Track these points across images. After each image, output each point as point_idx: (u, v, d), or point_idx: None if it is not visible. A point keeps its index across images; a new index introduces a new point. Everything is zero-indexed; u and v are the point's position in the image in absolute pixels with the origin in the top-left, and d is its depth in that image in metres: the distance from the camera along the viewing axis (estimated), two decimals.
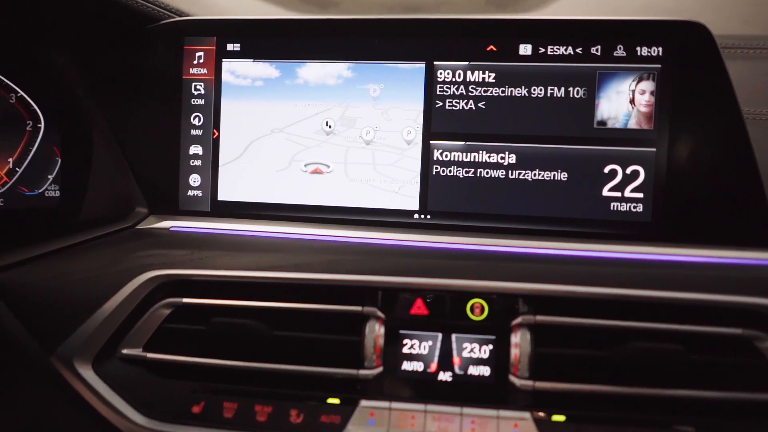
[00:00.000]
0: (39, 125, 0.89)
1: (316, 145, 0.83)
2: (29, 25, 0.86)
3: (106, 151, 0.87)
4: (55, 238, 0.83)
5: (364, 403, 0.70)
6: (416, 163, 0.81)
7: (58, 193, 0.89)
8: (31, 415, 0.78)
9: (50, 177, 0.89)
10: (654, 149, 0.76)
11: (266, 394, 0.71)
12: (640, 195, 0.77)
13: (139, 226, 0.86)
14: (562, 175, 0.78)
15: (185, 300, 0.74)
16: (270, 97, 0.84)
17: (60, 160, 0.89)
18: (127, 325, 0.74)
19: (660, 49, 0.76)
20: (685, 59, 0.75)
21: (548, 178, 0.78)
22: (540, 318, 0.69)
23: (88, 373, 0.72)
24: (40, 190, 0.89)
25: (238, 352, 0.72)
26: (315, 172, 0.83)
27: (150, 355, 0.73)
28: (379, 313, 0.71)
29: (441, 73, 0.80)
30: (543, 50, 0.78)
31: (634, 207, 0.77)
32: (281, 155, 0.84)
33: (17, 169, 0.89)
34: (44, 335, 0.74)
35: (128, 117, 0.88)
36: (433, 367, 0.71)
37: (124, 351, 0.74)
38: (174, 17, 0.86)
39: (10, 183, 0.89)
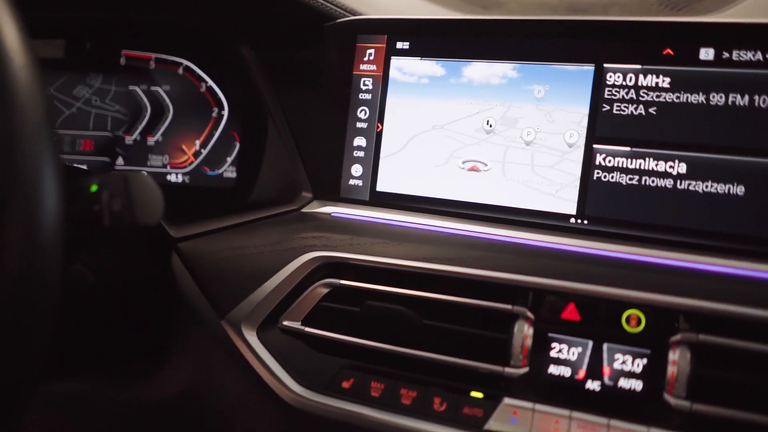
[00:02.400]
0: (223, 112, 0.99)
1: (476, 143, 0.84)
2: (221, 22, 0.96)
3: (279, 138, 0.95)
4: (231, 214, 0.91)
5: (507, 400, 0.70)
6: (577, 166, 0.79)
7: (234, 174, 0.98)
8: (196, 370, 0.86)
9: (229, 159, 0.98)
10: None
11: (412, 379, 0.74)
12: None
13: (304, 210, 0.92)
14: (739, 189, 0.73)
15: (342, 282, 0.78)
16: (434, 94, 0.86)
17: (238, 145, 0.98)
18: (288, 300, 0.80)
19: None
20: None
21: (722, 191, 0.73)
22: (703, 337, 0.65)
23: (252, 339, 0.79)
24: (220, 171, 0.99)
25: (388, 335, 0.75)
26: (472, 169, 0.84)
27: (308, 329, 0.78)
28: (529, 314, 0.71)
29: (611, 76, 0.78)
30: (727, 55, 0.73)
31: None
32: (440, 151, 0.86)
33: (202, 150, 0.99)
34: (217, 300, 0.82)
35: (301, 108, 0.95)
36: (581, 374, 0.69)
37: (285, 323, 0.79)
38: (348, 16, 0.91)
39: (196, 163, 0.99)
